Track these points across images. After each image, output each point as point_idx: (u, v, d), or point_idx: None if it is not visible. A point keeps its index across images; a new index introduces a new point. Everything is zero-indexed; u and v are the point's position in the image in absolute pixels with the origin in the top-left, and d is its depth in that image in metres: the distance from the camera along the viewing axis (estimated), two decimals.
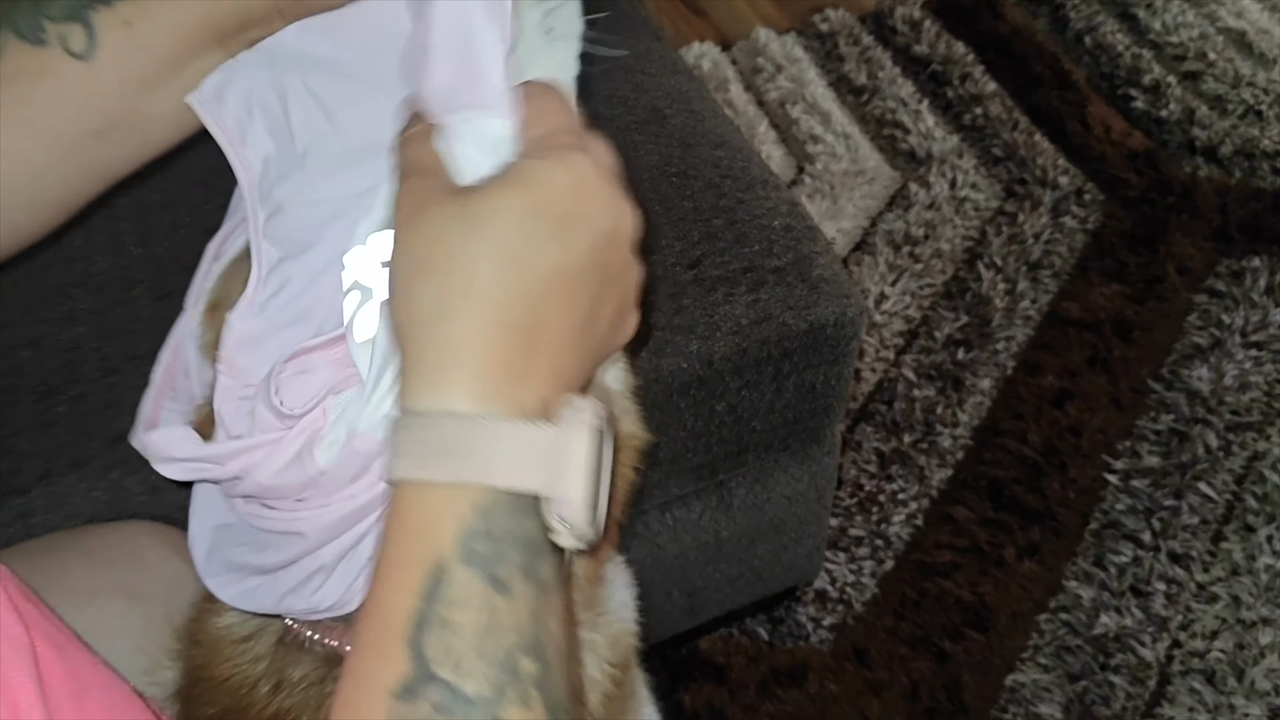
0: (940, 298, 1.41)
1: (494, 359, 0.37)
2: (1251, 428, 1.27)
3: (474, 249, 0.37)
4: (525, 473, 0.37)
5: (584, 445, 0.37)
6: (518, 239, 0.37)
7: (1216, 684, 1.09)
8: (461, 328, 0.37)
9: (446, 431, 0.36)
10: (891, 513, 1.22)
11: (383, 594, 0.37)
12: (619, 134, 0.88)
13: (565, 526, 0.37)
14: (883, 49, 1.72)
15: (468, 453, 0.36)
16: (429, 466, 0.36)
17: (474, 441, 0.36)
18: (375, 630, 0.36)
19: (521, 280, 0.37)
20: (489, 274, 0.37)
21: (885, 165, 1.57)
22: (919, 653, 1.12)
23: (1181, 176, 1.53)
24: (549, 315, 0.38)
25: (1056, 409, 1.29)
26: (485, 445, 0.36)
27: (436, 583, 0.36)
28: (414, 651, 0.35)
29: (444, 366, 0.37)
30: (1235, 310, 1.37)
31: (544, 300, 0.38)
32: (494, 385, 0.37)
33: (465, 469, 0.36)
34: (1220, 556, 1.18)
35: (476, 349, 0.37)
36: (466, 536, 0.36)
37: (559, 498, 0.37)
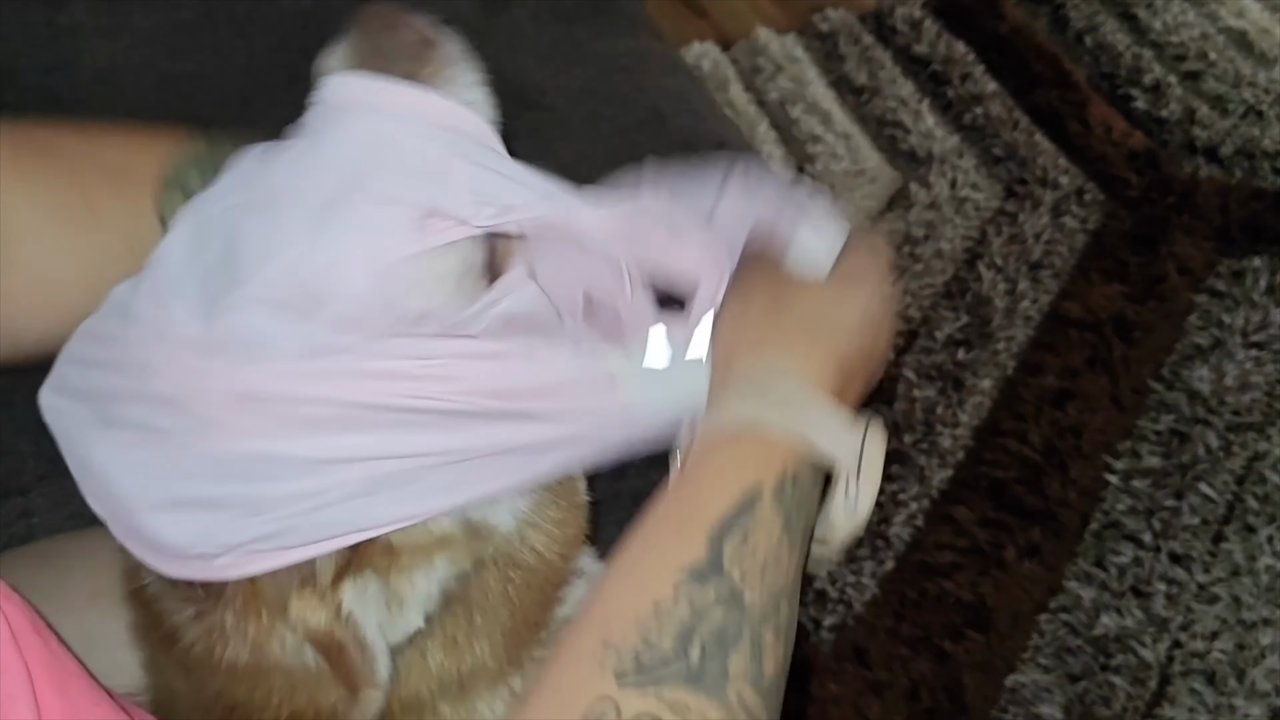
0: (941, 298, 1.41)
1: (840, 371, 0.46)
2: (1252, 428, 1.27)
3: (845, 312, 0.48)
4: (838, 449, 0.44)
5: (880, 443, 0.45)
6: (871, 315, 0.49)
7: (1217, 685, 1.09)
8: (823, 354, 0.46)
9: (792, 391, 0.44)
10: (892, 513, 1.22)
11: (697, 492, 0.42)
12: (619, 134, 0.88)
13: (853, 510, 0.44)
14: (883, 49, 1.72)
15: (804, 412, 0.43)
16: (774, 411, 0.43)
17: (811, 408, 0.44)
18: (681, 517, 0.42)
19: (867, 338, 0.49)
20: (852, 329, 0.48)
21: (886, 165, 1.57)
22: (919, 653, 1.12)
23: (1182, 176, 1.53)
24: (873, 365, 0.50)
25: (1057, 409, 1.29)
26: (818, 413, 0.44)
27: (750, 503, 0.41)
28: (713, 545, 0.40)
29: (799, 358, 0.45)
30: (1236, 310, 1.37)
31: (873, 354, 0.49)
32: (830, 384, 0.45)
33: (800, 423, 0.43)
34: (1221, 557, 1.18)
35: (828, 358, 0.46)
36: (784, 480, 0.42)
37: (856, 480, 0.44)
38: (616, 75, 0.92)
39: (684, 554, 0.40)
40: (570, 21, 0.96)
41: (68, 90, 0.89)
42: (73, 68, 0.90)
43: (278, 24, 0.93)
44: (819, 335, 0.46)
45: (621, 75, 0.92)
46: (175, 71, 0.91)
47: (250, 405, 0.38)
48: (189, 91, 0.89)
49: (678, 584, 0.39)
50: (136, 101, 0.88)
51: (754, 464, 0.42)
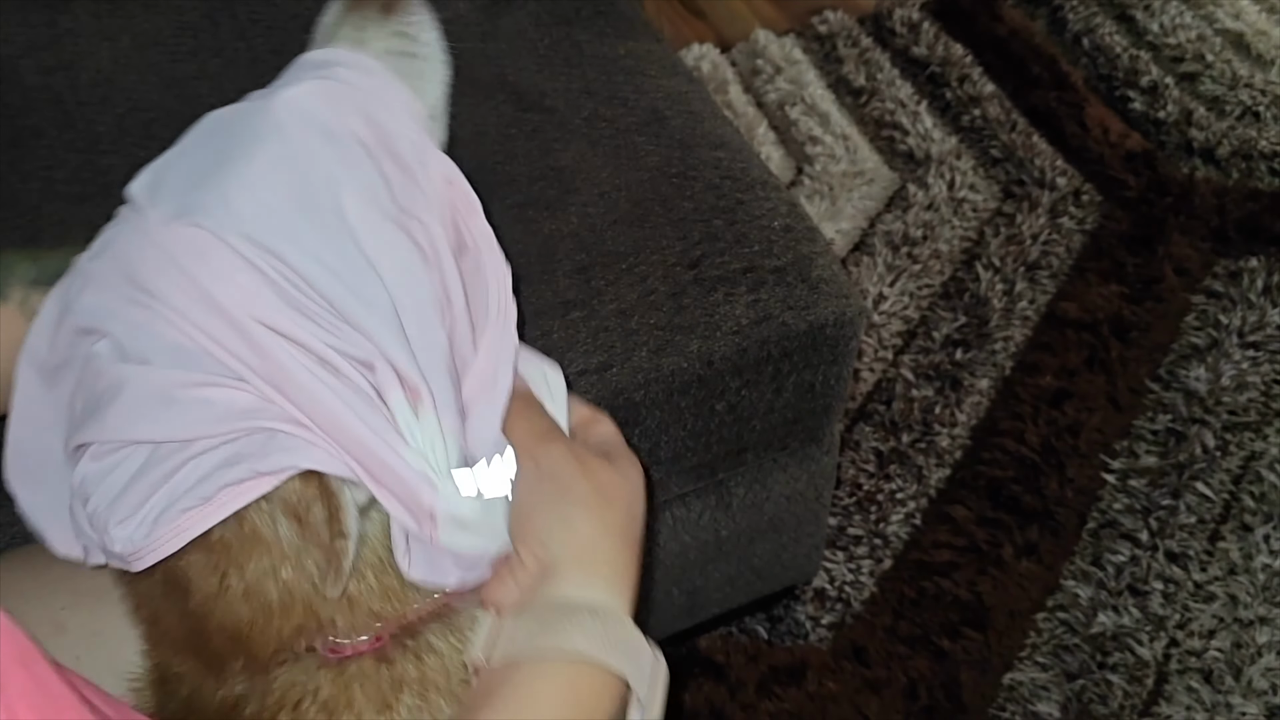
0: (938, 298, 1.42)
1: (627, 585, 0.49)
2: (1248, 428, 1.27)
3: (614, 512, 0.49)
4: (642, 684, 0.47)
5: (664, 672, 0.48)
6: (629, 507, 0.50)
7: (1214, 683, 1.09)
8: (612, 558, 0.48)
9: (625, 633, 0.47)
10: (890, 512, 1.23)
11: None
12: (619, 135, 0.89)
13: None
14: (881, 50, 1.72)
15: (632, 656, 0.46)
16: (611, 655, 0.45)
17: (636, 649, 0.47)
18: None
19: (631, 531, 0.50)
20: (622, 528, 0.49)
21: (884, 166, 1.57)
22: (917, 651, 1.12)
23: (1179, 177, 1.53)
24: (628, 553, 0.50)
25: (1054, 409, 1.30)
26: (640, 655, 0.47)
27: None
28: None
29: (624, 582, 0.48)
30: (1233, 311, 1.38)
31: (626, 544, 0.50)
32: (617, 595, 0.48)
33: (628, 668, 0.46)
34: (1217, 556, 1.18)
35: (620, 574, 0.48)
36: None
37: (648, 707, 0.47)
38: (616, 77, 0.92)
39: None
40: (570, 23, 0.97)
41: (69, 91, 0.89)
42: (75, 69, 0.91)
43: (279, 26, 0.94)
44: (619, 542, 0.49)
45: (621, 77, 0.92)
46: (177, 73, 0.91)
47: None
48: (190, 93, 0.89)
49: None
50: (138, 103, 0.89)
51: (592, 708, 0.45)
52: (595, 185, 0.84)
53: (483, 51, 0.93)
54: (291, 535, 0.44)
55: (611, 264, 0.79)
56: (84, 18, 0.94)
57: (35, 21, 0.93)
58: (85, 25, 0.94)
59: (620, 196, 0.84)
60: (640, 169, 0.85)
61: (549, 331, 0.76)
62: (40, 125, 0.87)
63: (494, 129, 0.87)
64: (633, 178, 0.85)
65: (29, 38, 0.92)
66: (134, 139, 0.86)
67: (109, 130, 0.87)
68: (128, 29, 0.93)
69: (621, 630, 0.46)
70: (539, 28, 0.96)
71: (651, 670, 0.47)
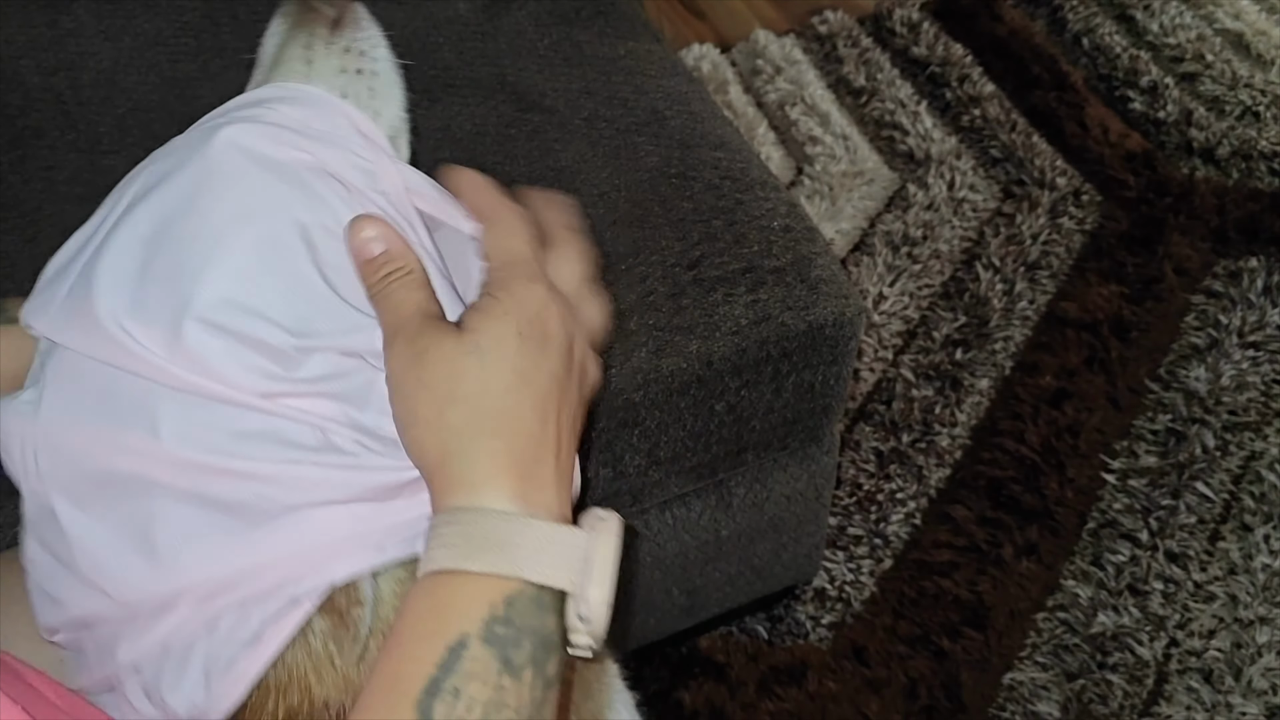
0: (938, 298, 1.42)
1: (524, 467, 0.42)
2: (1248, 428, 1.28)
3: (489, 381, 0.43)
4: (557, 570, 0.41)
5: (609, 549, 0.42)
6: (520, 362, 0.43)
7: (1214, 683, 1.09)
8: (495, 445, 0.42)
9: (491, 526, 0.41)
10: (890, 512, 1.23)
11: (399, 661, 0.40)
12: (619, 135, 0.89)
13: (584, 625, 0.42)
14: (881, 51, 1.73)
15: (507, 547, 0.40)
16: (471, 558, 0.40)
17: (514, 538, 0.41)
18: (386, 693, 0.39)
19: (532, 398, 0.43)
20: (508, 399, 0.43)
21: (884, 166, 1.57)
22: (917, 651, 1.12)
23: (1179, 177, 1.53)
24: (552, 420, 0.44)
25: (1054, 409, 1.30)
26: (523, 542, 0.41)
27: (455, 655, 0.39)
28: (421, 713, 0.38)
29: (481, 477, 0.42)
30: (1232, 311, 1.38)
31: (548, 411, 0.44)
32: (526, 491, 0.42)
33: (503, 562, 0.40)
34: (1217, 556, 1.18)
35: (508, 464, 0.42)
36: (493, 620, 0.40)
37: (584, 597, 0.41)
38: (616, 77, 0.92)
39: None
40: (570, 24, 0.97)
41: (70, 92, 0.89)
42: (76, 69, 0.91)
43: None
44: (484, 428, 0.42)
45: (621, 77, 0.92)
46: (178, 73, 0.91)
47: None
48: (191, 93, 0.89)
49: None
50: (139, 103, 0.89)
51: (454, 613, 0.40)
52: (595, 185, 0.84)
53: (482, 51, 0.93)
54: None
55: (611, 264, 0.79)
56: (85, 18, 0.94)
57: (36, 21, 0.93)
58: (86, 25, 0.94)
59: (620, 197, 0.84)
60: (640, 169, 0.85)
61: None
62: (41, 125, 0.87)
63: (493, 129, 0.87)
64: (632, 178, 0.85)
65: (30, 38, 0.92)
66: (135, 139, 0.86)
67: (110, 130, 0.87)
68: (129, 29, 0.94)
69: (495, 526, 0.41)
70: (539, 28, 0.96)
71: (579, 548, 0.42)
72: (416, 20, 0.94)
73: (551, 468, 0.44)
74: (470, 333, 0.43)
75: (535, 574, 0.40)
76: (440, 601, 0.40)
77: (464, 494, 0.42)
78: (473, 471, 0.42)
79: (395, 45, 0.55)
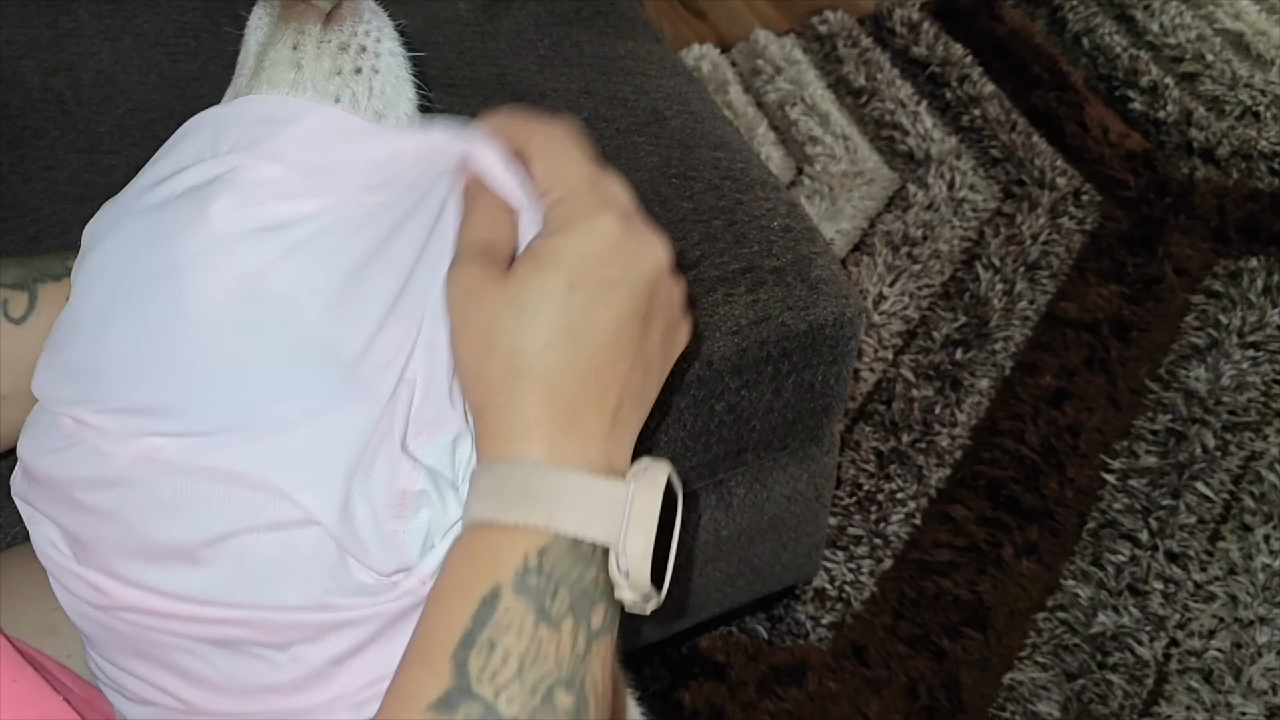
0: (938, 298, 1.42)
1: (560, 425, 0.40)
2: (1248, 428, 1.28)
3: (527, 338, 0.40)
4: (591, 522, 0.39)
5: (650, 500, 0.40)
6: (566, 318, 0.40)
7: (1214, 683, 1.09)
8: (529, 402, 0.40)
9: (523, 478, 0.39)
10: (890, 512, 1.23)
11: (435, 615, 0.39)
12: (619, 135, 0.89)
13: (626, 579, 0.40)
14: (881, 51, 1.73)
15: (539, 499, 0.39)
16: (504, 509, 0.39)
17: (546, 489, 0.39)
18: (422, 646, 0.39)
19: (578, 354, 0.40)
20: (547, 356, 0.40)
21: (884, 166, 1.57)
22: (917, 651, 1.12)
23: (1179, 177, 1.53)
24: (607, 376, 0.41)
25: (1054, 409, 1.30)
26: (556, 493, 0.39)
27: (489, 607, 0.38)
28: (456, 666, 0.37)
29: (518, 432, 0.40)
30: (1232, 311, 1.38)
31: (600, 365, 0.41)
32: (564, 445, 0.40)
33: (535, 513, 0.39)
34: (1217, 556, 1.18)
35: (544, 418, 0.40)
36: (525, 571, 0.39)
37: (622, 550, 0.40)
38: (616, 77, 0.92)
39: (428, 687, 0.37)
40: (570, 24, 0.97)
41: (70, 92, 0.89)
42: (76, 70, 0.91)
43: None
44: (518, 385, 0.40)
45: (621, 77, 0.92)
46: (178, 73, 0.91)
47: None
48: (192, 93, 0.89)
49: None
50: (139, 103, 0.89)
51: (486, 565, 0.39)
52: None
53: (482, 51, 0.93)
54: None
55: None
56: (85, 18, 0.94)
57: (36, 21, 0.93)
58: (86, 25, 0.94)
59: None
60: (640, 169, 0.85)
61: None
62: (41, 125, 0.87)
63: None
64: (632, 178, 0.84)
65: (30, 38, 0.92)
66: (135, 139, 0.86)
67: (110, 131, 0.87)
68: (129, 29, 0.93)
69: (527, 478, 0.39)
70: (539, 28, 0.96)
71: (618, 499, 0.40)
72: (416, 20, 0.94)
73: (600, 423, 0.41)
74: (514, 283, 0.41)
75: (567, 525, 0.39)
76: (474, 554, 0.40)
77: (500, 445, 0.40)
78: (507, 423, 0.40)
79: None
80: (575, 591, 0.39)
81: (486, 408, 0.41)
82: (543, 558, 0.39)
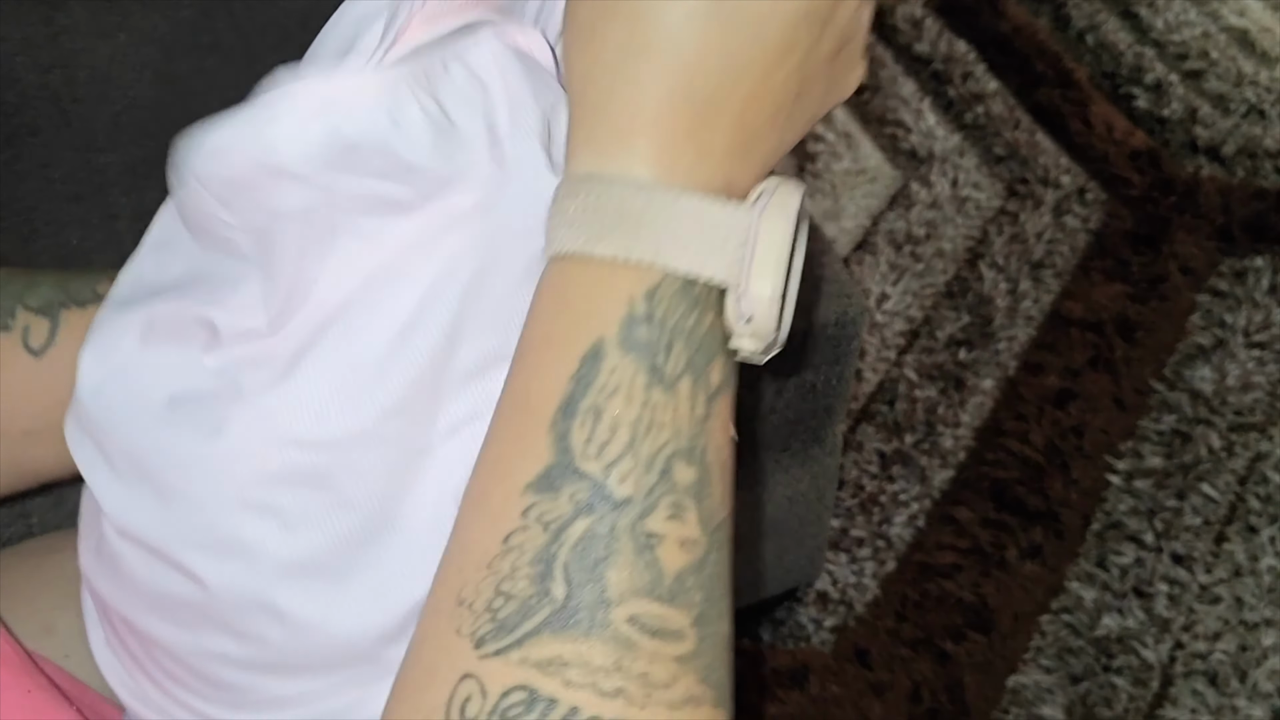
0: (942, 297, 1.41)
1: (682, 127, 0.32)
2: (1254, 428, 1.27)
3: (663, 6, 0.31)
4: (708, 256, 0.32)
5: (779, 231, 0.32)
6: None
7: (1219, 685, 1.09)
8: (648, 88, 0.31)
9: (624, 201, 0.31)
10: (893, 513, 1.22)
11: (527, 377, 0.33)
12: None
13: (747, 326, 0.33)
14: (884, 47, 1.72)
15: (646, 227, 0.31)
16: (601, 239, 0.31)
17: (654, 216, 0.31)
18: (515, 417, 0.33)
19: (726, 38, 0.31)
20: (683, 29, 0.31)
21: (886, 164, 1.56)
22: (920, 654, 1.12)
23: (1184, 176, 1.52)
24: (752, 82, 0.32)
25: (1059, 409, 1.29)
26: (666, 221, 0.31)
27: (591, 366, 0.31)
28: (558, 439, 0.31)
29: (623, 129, 0.32)
30: (1238, 310, 1.37)
31: (748, 64, 0.32)
32: (680, 156, 0.32)
33: (640, 246, 0.31)
34: (1223, 557, 1.17)
35: (662, 113, 0.31)
36: (631, 320, 0.31)
37: (745, 290, 0.32)
38: None
39: (527, 464, 0.31)
40: None
41: (66, 89, 0.89)
42: (71, 67, 0.90)
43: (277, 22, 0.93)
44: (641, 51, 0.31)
45: None
46: (174, 70, 0.90)
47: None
48: (187, 90, 0.88)
49: (526, 506, 0.31)
50: (135, 100, 0.88)
51: (586, 317, 0.32)
52: None
53: None
54: None
55: None
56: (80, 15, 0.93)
57: (31, 19, 0.93)
58: (82, 22, 0.93)
59: None
60: None
61: None
62: (36, 123, 0.87)
63: None
64: None
65: (25, 35, 0.92)
66: (131, 137, 0.86)
67: (106, 128, 0.87)
68: (124, 26, 0.93)
69: (628, 199, 0.31)
70: None
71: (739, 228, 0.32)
72: None
73: (730, 135, 0.32)
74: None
75: (680, 261, 0.31)
76: (568, 299, 0.32)
77: (597, 147, 0.32)
78: (613, 115, 0.32)
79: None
80: (691, 344, 0.32)
81: (590, 90, 0.32)
82: (652, 303, 0.31)
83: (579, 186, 0.32)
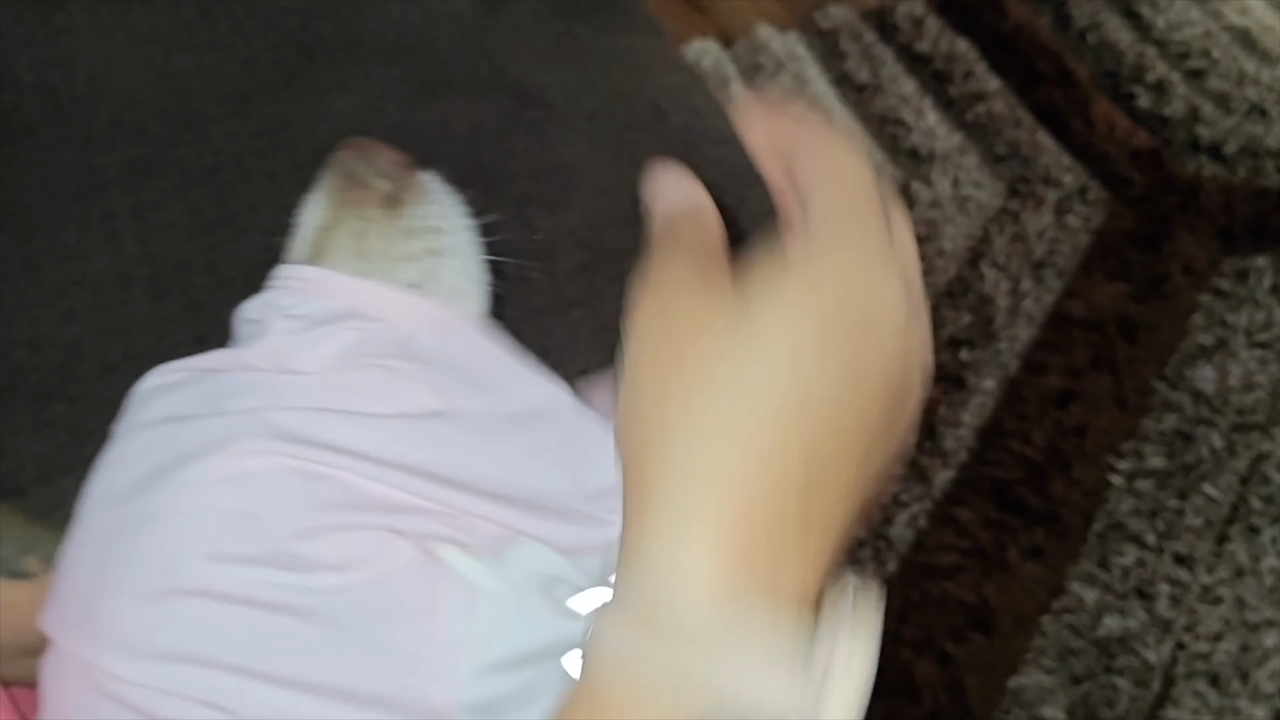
0: (943, 297, 1.41)
1: (758, 531, 0.27)
2: (1256, 428, 1.26)
3: (750, 390, 0.26)
4: (776, 684, 0.26)
5: (862, 655, 0.28)
6: (803, 377, 0.27)
7: (1221, 686, 1.08)
8: (717, 481, 0.26)
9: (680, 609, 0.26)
10: (894, 514, 1.22)
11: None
12: (620, 131, 0.88)
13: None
14: (885, 46, 1.71)
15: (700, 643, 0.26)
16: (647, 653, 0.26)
17: (712, 630, 0.26)
18: None
19: (805, 427, 0.27)
20: (769, 430, 0.27)
21: (887, 163, 1.56)
22: (921, 655, 1.11)
23: (1186, 175, 1.52)
24: (828, 477, 0.28)
25: (1060, 409, 1.29)
26: (728, 638, 0.26)
27: None
28: None
29: (685, 528, 0.27)
30: (1240, 310, 1.37)
31: (826, 459, 0.28)
32: (752, 565, 0.27)
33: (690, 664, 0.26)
34: (1225, 558, 1.17)
35: (735, 516, 0.26)
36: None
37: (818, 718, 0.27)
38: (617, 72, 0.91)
39: None
40: (570, 18, 0.96)
41: (64, 88, 0.88)
42: (69, 66, 0.90)
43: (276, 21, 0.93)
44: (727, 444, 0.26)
45: (622, 72, 0.91)
46: (173, 69, 0.90)
47: None
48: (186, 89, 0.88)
49: None
50: (134, 99, 0.88)
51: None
52: (596, 182, 0.83)
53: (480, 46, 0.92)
54: None
55: (613, 262, 0.78)
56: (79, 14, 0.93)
57: (30, 17, 0.92)
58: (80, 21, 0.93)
59: (621, 193, 0.83)
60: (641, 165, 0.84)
61: (549, 331, 0.75)
62: (34, 122, 0.86)
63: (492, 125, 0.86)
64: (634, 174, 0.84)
65: (23, 33, 0.91)
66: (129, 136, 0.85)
67: (104, 127, 0.86)
68: (123, 25, 0.92)
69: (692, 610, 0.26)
70: (538, 22, 0.95)
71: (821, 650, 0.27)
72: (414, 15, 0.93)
73: (804, 542, 0.28)
74: (748, 301, 0.28)
75: (741, 684, 0.26)
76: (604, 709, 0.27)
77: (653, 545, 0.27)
78: (674, 513, 0.27)
79: (390, 40, 0.52)
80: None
81: (648, 444, 0.28)
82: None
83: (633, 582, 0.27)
